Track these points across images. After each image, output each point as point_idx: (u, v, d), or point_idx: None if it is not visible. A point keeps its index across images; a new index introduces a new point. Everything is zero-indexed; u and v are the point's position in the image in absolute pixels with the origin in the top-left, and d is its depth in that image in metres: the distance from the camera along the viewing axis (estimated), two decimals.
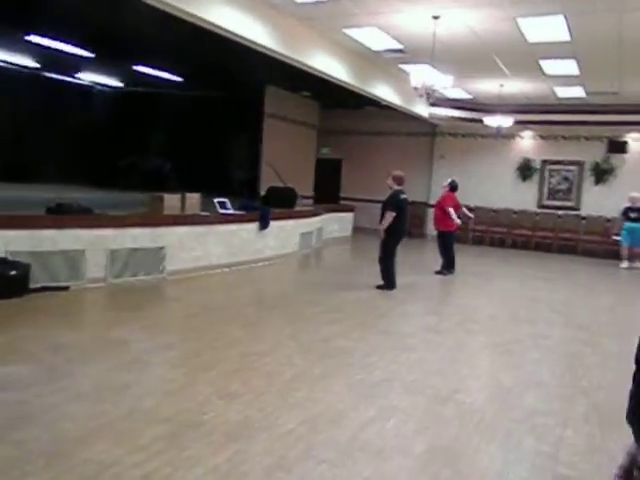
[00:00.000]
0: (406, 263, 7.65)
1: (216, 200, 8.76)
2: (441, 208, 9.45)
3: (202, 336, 5.06)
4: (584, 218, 13.81)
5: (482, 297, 7.85)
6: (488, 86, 11.74)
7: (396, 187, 7.80)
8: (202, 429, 3.19)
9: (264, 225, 9.20)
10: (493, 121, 12.09)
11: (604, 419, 3.74)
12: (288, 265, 9.74)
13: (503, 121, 12.02)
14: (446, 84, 7.48)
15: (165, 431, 3.13)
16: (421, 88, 7.40)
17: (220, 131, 14.13)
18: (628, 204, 11.79)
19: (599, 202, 13.70)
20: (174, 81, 13.27)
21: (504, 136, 13.87)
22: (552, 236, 13.74)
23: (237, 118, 13.92)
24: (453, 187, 9.66)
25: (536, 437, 3.39)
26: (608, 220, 13.44)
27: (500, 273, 10.21)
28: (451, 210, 9.26)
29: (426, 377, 4.34)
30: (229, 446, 3.02)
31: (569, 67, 9.57)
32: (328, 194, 16.76)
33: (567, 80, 10.63)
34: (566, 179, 14.16)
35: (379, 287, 7.71)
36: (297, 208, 11.26)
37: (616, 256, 12.86)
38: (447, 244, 9.51)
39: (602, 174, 13.61)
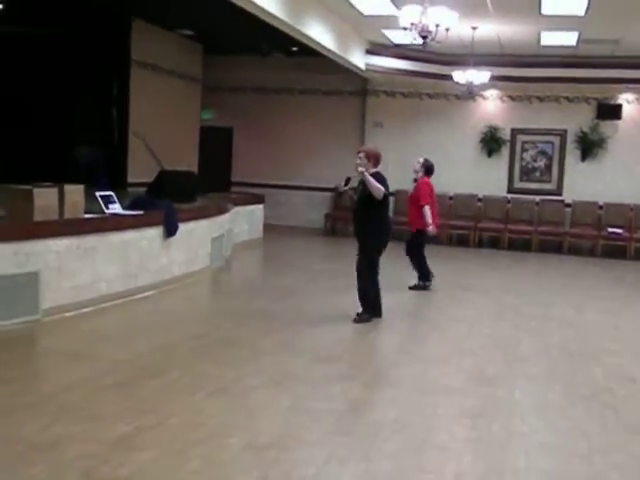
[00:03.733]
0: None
1: (99, 194, 7.87)
2: (416, 201, 9.14)
3: (166, 420, 4.32)
4: (569, 205, 14.42)
5: (501, 321, 7.77)
6: (454, 29, 11.75)
7: (372, 170, 7.19)
8: None
9: (171, 230, 8.46)
10: (463, 76, 12.16)
11: None
12: (206, 288, 9.18)
13: (477, 77, 12.13)
14: (450, 23, 7.23)
15: None
16: (414, 29, 7.08)
17: (59, 87, 12.92)
18: None
19: (586, 183, 14.38)
20: None
21: (465, 97, 14.06)
22: (530, 230, 14.18)
23: (88, 68, 12.80)
24: (429, 169, 9.41)
25: None
26: (600, 207, 14.13)
27: (492, 284, 10.26)
28: (427, 209, 9.02)
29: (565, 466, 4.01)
30: None
31: (576, 4, 9.82)
32: (215, 178, 16.07)
33: (564, 22, 10.92)
34: (544, 153, 14.71)
35: (359, 319, 7.22)
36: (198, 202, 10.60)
37: (613, 254, 13.59)
38: (421, 247, 9.36)
39: (590, 146, 14.28)
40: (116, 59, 12.85)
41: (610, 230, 13.77)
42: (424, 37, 7.19)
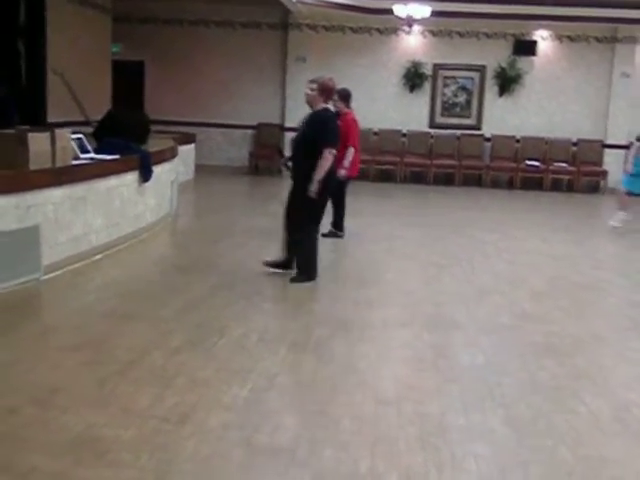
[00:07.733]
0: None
1: (73, 137, 7.21)
2: (343, 141, 7.33)
3: (274, 380, 4.10)
4: (488, 139, 14.82)
5: (491, 257, 7.85)
6: None
7: (322, 105, 6.27)
8: None
9: (147, 175, 7.93)
10: (404, 11, 12.02)
11: None
12: (183, 234, 9.15)
13: (418, 11, 12.03)
14: None
15: None
16: None
17: None
18: None
19: (504, 118, 14.80)
20: None
21: (385, 31, 14.00)
22: (454, 164, 14.47)
23: None
24: (347, 98, 8.36)
25: None
26: (517, 141, 14.64)
27: (452, 220, 10.21)
28: (351, 150, 7.93)
29: None
30: None
31: None
32: None
33: None
34: (464, 89, 14.94)
35: (296, 279, 6.28)
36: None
37: (531, 186, 14.22)
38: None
39: (508, 82, 14.63)
40: None
41: (528, 163, 14.33)
42: None
